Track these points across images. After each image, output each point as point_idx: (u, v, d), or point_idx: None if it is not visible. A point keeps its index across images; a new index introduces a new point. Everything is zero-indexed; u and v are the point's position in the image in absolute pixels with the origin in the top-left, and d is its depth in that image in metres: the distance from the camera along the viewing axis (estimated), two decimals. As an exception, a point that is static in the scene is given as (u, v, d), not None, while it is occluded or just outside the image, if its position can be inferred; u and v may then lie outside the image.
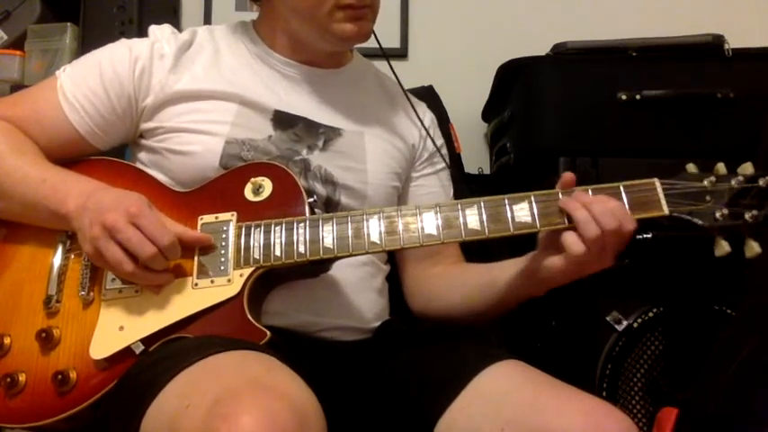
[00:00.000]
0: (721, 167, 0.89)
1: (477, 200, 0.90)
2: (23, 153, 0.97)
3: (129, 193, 0.90)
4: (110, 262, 0.85)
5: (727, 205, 0.87)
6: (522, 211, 0.88)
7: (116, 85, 1.01)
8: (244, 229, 0.92)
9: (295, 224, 0.91)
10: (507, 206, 0.89)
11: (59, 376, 0.85)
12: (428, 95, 1.56)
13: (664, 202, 0.88)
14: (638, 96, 1.34)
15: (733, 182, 0.87)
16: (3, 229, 0.99)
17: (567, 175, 0.89)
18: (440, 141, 1.21)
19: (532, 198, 0.89)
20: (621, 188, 0.89)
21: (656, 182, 0.89)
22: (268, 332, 0.85)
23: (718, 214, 0.87)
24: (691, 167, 0.91)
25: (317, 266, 0.93)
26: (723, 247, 0.86)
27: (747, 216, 0.86)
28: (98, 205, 0.87)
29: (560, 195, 0.88)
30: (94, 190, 0.91)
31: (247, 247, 0.90)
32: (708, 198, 0.88)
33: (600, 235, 0.83)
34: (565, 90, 1.37)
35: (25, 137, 0.99)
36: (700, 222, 0.87)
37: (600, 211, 0.84)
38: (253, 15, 1.17)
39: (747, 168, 0.88)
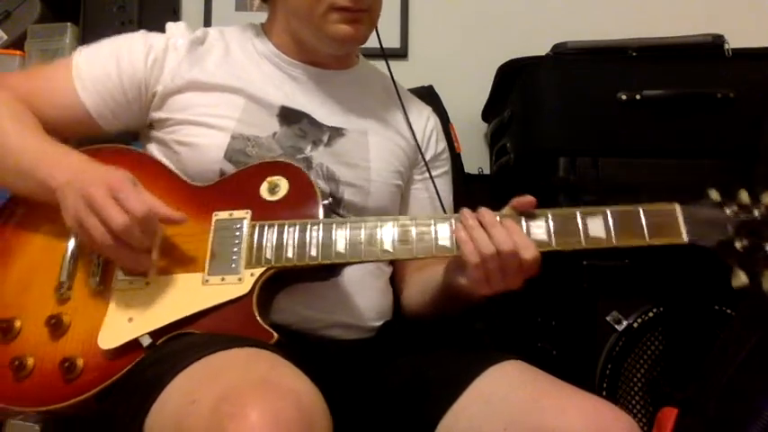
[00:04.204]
0: (744, 196, 0.87)
1: (495, 214, 0.89)
2: (24, 124, 0.97)
3: (116, 169, 0.89)
4: (91, 234, 0.84)
5: (747, 236, 0.84)
6: (539, 229, 0.88)
7: (129, 69, 1.03)
8: (257, 228, 0.92)
9: (309, 227, 0.91)
10: (524, 223, 0.88)
11: (66, 363, 0.85)
12: (428, 95, 1.56)
13: (683, 229, 0.86)
14: (638, 96, 1.33)
15: (756, 212, 0.85)
16: (21, 208, 0.99)
17: (524, 200, 0.89)
18: (443, 145, 1.21)
19: (549, 215, 0.88)
20: (641, 211, 0.87)
21: (677, 207, 0.87)
22: (275, 334, 0.85)
23: (738, 245, 0.84)
24: (713, 194, 0.89)
25: (327, 271, 0.93)
26: (740, 279, 0.84)
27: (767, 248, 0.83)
28: (83, 182, 0.86)
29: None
30: (83, 167, 0.91)
31: (260, 247, 0.90)
32: (729, 228, 0.85)
33: (492, 255, 0.84)
34: (565, 90, 1.37)
35: (27, 109, 1.00)
36: (719, 252, 0.85)
37: (497, 234, 0.84)
38: (253, 16, 1.17)
39: None
